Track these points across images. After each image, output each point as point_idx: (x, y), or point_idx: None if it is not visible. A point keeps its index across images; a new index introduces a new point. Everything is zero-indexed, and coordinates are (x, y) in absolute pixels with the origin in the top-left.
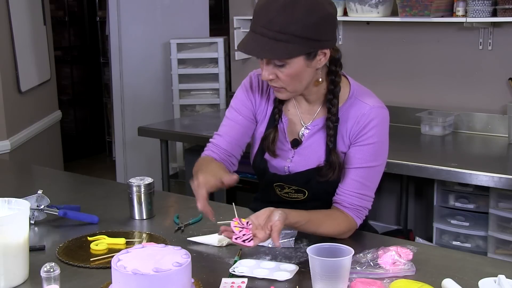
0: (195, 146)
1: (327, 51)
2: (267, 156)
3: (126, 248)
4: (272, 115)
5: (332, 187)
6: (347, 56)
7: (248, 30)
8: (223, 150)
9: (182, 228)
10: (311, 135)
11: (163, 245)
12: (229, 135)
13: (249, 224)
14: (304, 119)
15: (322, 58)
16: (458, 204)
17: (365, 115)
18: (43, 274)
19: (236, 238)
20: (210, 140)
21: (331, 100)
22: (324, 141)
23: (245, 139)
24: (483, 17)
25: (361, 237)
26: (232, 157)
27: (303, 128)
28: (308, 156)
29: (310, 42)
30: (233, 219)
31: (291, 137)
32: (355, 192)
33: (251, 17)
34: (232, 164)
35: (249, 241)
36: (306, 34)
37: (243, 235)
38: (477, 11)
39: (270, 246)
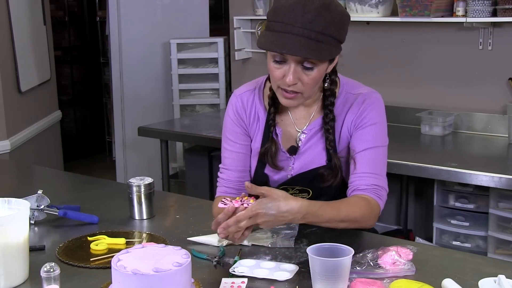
0: (195, 146)
1: (337, 57)
2: (267, 170)
3: (126, 248)
4: (266, 129)
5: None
6: (347, 56)
7: (248, 30)
8: (236, 183)
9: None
10: (309, 138)
11: (163, 245)
12: (235, 166)
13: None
14: (298, 124)
15: (334, 63)
16: (458, 204)
17: (360, 102)
18: (43, 274)
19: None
20: (219, 175)
21: (328, 106)
22: (323, 141)
23: (249, 162)
24: (483, 17)
25: (361, 237)
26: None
27: (299, 134)
28: (309, 159)
29: (339, 45)
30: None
31: (287, 145)
32: (370, 173)
33: (251, 17)
34: None
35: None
36: (339, 37)
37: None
38: (477, 11)
39: (269, 246)
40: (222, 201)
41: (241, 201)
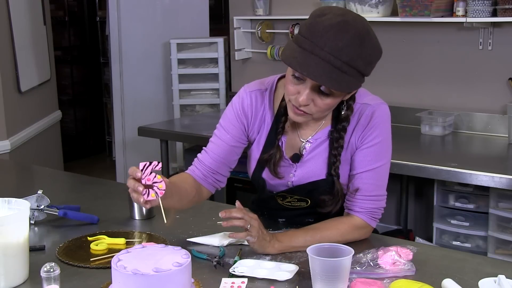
0: (195, 146)
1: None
2: (265, 175)
3: (126, 248)
4: (272, 134)
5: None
6: None
7: (248, 30)
8: (207, 167)
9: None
10: (314, 148)
11: (163, 245)
12: (215, 153)
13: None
14: (303, 134)
15: (352, 93)
16: (458, 204)
17: (368, 115)
18: (43, 274)
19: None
20: (198, 155)
21: (340, 131)
22: (327, 152)
23: (232, 157)
24: (483, 17)
25: None
26: (217, 174)
27: (303, 143)
28: (311, 169)
29: (362, 79)
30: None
31: (290, 153)
32: (368, 196)
33: (251, 17)
34: (218, 181)
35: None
36: (364, 72)
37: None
38: (477, 11)
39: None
40: (144, 164)
41: (153, 179)
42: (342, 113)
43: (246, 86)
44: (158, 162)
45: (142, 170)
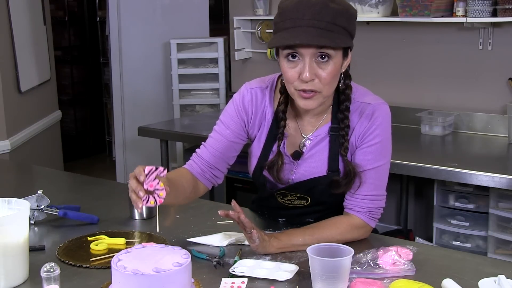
0: (195, 146)
1: (350, 53)
2: (266, 173)
3: (126, 248)
4: (272, 131)
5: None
6: None
7: (248, 30)
8: (205, 162)
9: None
10: (314, 145)
11: (163, 245)
12: (214, 148)
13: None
14: (304, 130)
15: (348, 60)
16: (458, 204)
17: (368, 115)
18: (43, 274)
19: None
20: (196, 150)
21: (344, 111)
22: (327, 149)
23: (231, 153)
24: (483, 17)
25: None
26: (215, 169)
27: (304, 140)
28: (312, 166)
29: (350, 37)
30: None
31: (291, 150)
32: (367, 195)
33: (251, 17)
34: (215, 177)
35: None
36: (349, 28)
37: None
38: (477, 11)
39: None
40: (150, 168)
41: (155, 185)
42: (340, 85)
43: (247, 83)
44: (164, 169)
45: (147, 174)
